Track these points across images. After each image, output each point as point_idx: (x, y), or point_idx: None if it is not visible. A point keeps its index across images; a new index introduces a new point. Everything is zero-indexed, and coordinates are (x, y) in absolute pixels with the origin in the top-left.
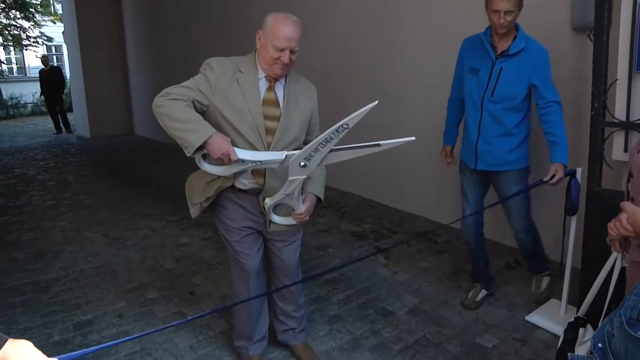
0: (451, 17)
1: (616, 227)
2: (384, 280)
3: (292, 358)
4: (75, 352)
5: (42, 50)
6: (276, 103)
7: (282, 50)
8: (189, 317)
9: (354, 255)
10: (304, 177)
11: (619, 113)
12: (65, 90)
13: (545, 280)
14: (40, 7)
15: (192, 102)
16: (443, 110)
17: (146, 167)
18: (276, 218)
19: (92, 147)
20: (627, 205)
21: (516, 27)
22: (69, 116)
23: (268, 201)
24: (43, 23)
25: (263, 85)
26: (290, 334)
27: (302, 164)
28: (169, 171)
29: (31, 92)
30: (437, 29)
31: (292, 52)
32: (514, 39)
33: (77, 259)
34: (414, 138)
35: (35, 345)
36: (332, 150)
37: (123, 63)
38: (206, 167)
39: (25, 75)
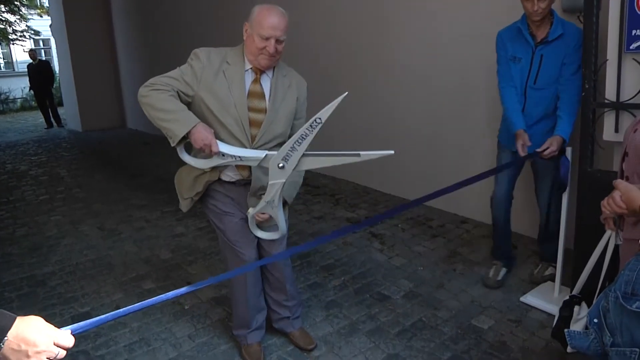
0: (447, 19)
1: (609, 205)
2: (380, 265)
3: (290, 344)
4: (87, 321)
5: (29, 44)
6: (262, 95)
7: (267, 39)
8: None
9: (348, 242)
10: (283, 181)
11: (610, 93)
12: (54, 84)
13: (550, 270)
14: (26, 0)
15: (177, 92)
16: (435, 100)
17: (139, 159)
18: (260, 233)
19: (84, 140)
20: (620, 182)
21: (551, 13)
22: (60, 110)
23: (251, 211)
24: (29, 17)
25: (249, 77)
26: (285, 322)
27: (280, 165)
28: (162, 163)
29: (20, 87)
30: (432, 31)
31: (278, 42)
32: (551, 25)
33: (73, 252)
34: (392, 152)
35: None
36: (309, 155)
37: (113, 55)
38: (186, 158)
39: (14, 70)
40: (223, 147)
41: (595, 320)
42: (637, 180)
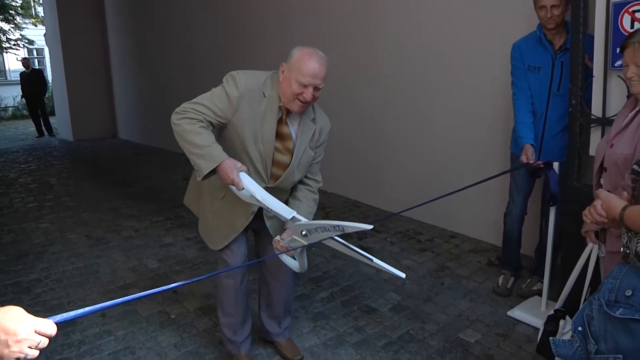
0: (429, 33)
1: (590, 214)
2: (368, 277)
3: (277, 355)
4: (69, 313)
5: (22, 53)
6: (288, 137)
7: (305, 86)
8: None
9: (337, 254)
10: (305, 244)
11: (596, 109)
12: (47, 94)
13: (539, 285)
14: (21, 9)
15: (210, 121)
16: (426, 109)
17: (130, 169)
18: (285, 258)
19: (75, 150)
20: (601, 191)
21: (565, 23)
22: (51, 119)
23: (277, 238)
24: (24, 26)
25: (278, 114)
26: (277, 329)
27: (303, 232)
28: (153, 173)
29: (12, 96)
30: (418, 41)
31: (315, 89)
32: (567, 32)
33: (60, 260)
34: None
35: None
36: (333, 239)
37: (106, 66)
38: (244, 190)
39: (6, 78)
40: (248, 184)
41: (580, 329)
42: (621, 192)
